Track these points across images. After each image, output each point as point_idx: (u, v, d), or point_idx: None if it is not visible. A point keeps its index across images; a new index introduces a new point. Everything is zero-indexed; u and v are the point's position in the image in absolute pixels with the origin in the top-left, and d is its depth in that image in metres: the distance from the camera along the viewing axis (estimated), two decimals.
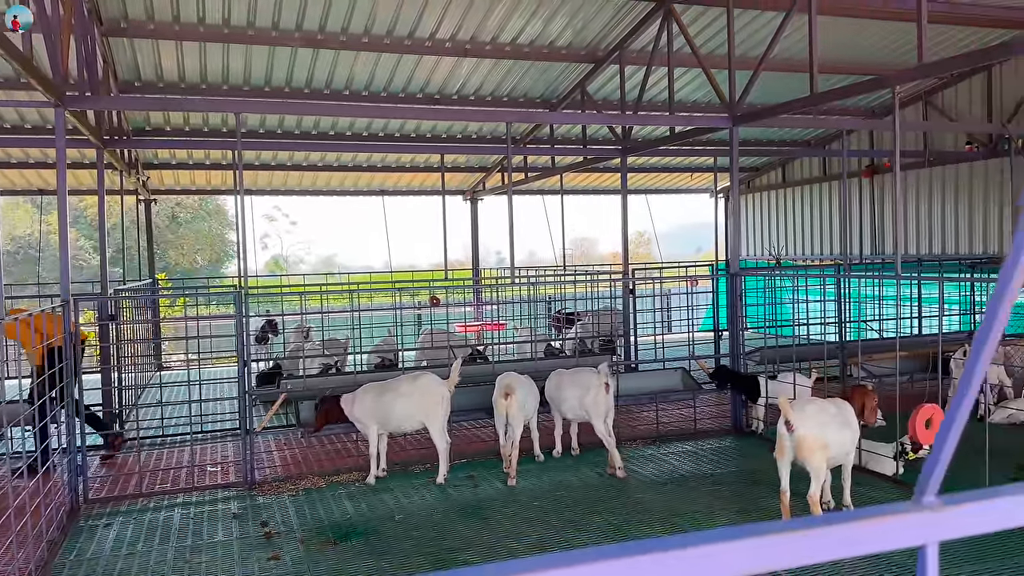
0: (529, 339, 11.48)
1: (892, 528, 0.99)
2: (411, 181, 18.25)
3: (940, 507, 0.99)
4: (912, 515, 0.99)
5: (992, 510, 0.99)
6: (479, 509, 7.08)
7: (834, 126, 12.76)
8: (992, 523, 1.00)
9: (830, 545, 0.97)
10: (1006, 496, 1.00)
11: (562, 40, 11.66)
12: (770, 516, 6.74)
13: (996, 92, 13.90)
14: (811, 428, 6.29)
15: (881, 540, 0.98)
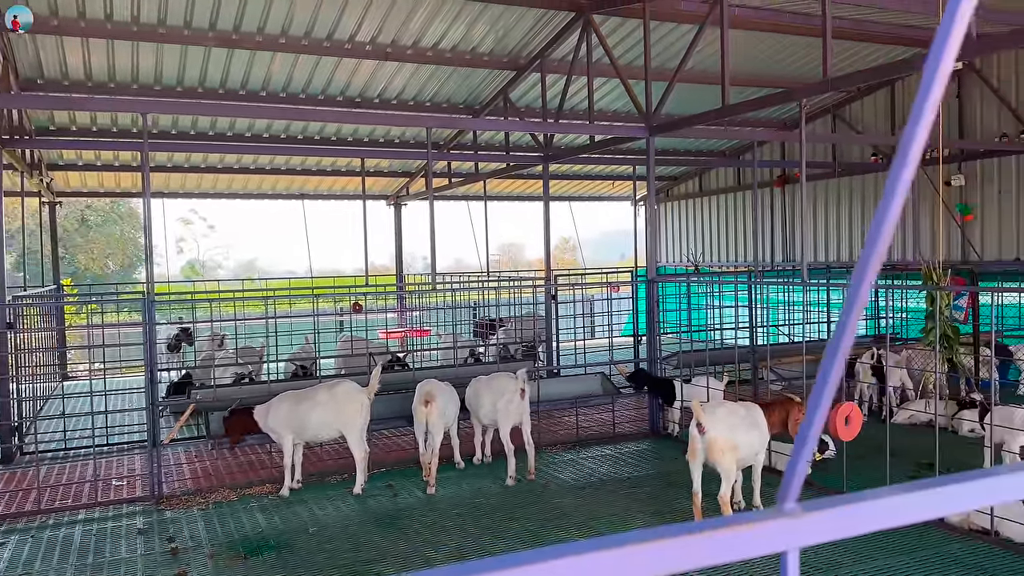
0: (451, 345, 11.42)
1: (755, 535, 1.00)
2: (332, 185, 17.97)
3: (800, 514, 1.00)
4: (774, 522, 1.00)
5: (850, 515, 1.02)
6: (397, 519, 7.00)
7: (746, 137, 13.17)
8: (851, 528, 1.02)
9: (694, 553, 0.97)
10: (864, 502, 1.03)
11: (484, 46, 11.68)
12: (684, 517, 6.87)
13: (899, 106, 14.61)
14: (721, 430, 6.46)
15: (745, 547, 0.99)
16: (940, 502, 1.07)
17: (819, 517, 1.02)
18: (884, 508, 1.04)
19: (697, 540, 0.96)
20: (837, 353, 1.01)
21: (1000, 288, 12.18)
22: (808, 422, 1.05)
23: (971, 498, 1.10)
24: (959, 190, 13.59)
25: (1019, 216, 12.92)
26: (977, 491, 1.10)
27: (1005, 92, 12.87)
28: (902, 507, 1.04)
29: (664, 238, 21.53)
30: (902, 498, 1.03)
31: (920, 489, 1.05)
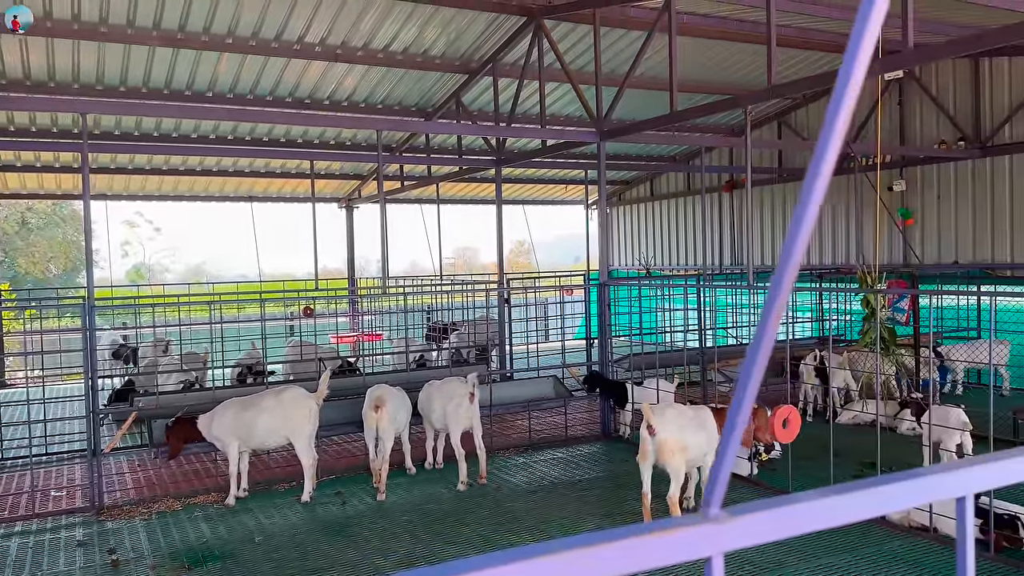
0: (403, 350, 11.33)
1: (679, 541, 1.00)
2: (282, 187, 17.72)
3: (725, 519, 1.01)
4: (699, 528, 1.00)
5: (774, 519, 1.02)
6: (346, 526, 6.91)
7: (694, 143, 13.37)
8: (775, 532, 1.03)
9: (617, 561, 0.97)
10: (788, 505, 1.03)
11: (436, 49, 11.64)
12: (634, 518, 6.92)
13: None
14: (671, 432, 6.54)
15: (669, 554, 0.99)
16: (858, 505, 1.08)
17: (743, 522, 1.02)
18: (806, 511, 1.05)
19: (619, 547, 0.96)
20: (757, 357, 1.02)
21: (940, 291, 12.57)
22: (730, 426, 1.06)
23: (889, 500, 1.11)
24: (900, 195, 13.98)
25: (957, 221, 13.34)
26: (894, 493, 1.12)
27: (943, 100, 13.28)
28: (823, 510, 1.05)
29: (616, 242, 21.71)
30: (822, 502, 1.05)
31: (839, 493, 1.07)
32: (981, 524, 6.05)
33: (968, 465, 1.25)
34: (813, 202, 0.92)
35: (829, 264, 15.42)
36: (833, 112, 0.91)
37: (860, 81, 0.90)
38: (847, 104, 0.90)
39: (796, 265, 0.97)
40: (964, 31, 9.71)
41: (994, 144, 12.59)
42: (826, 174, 0.93)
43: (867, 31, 0.87)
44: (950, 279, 13.13)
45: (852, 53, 0.89)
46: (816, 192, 0.93)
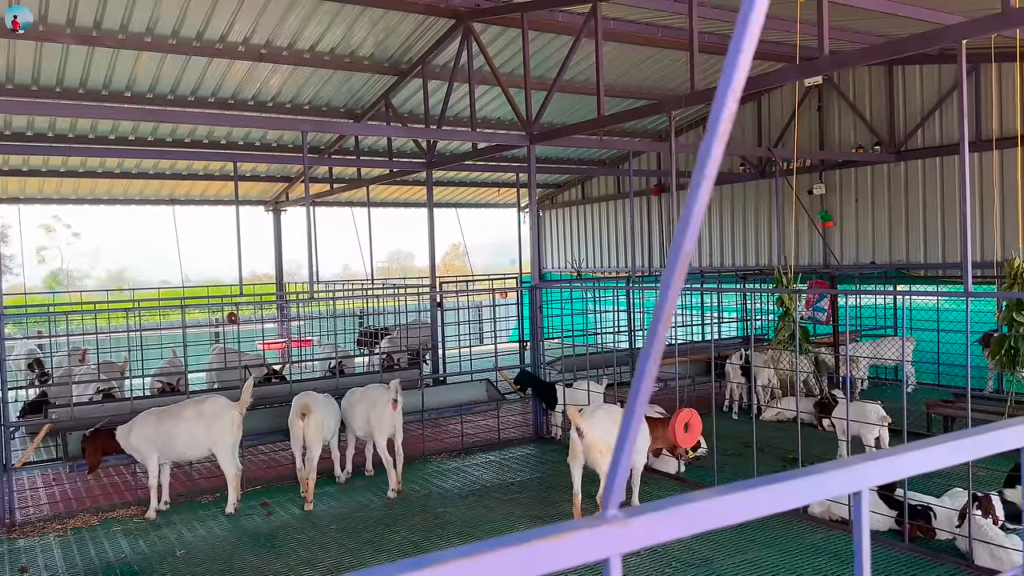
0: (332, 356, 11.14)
1: (577, 544, 0.99)
2: (205, 190, 17.24)
3: (622, 521, 1.01)
4: (596, 530, 1.00)
5: (671, 519, 1.03)
6: (272, 537, 6.75)
7: (622, 147, 13.56)
8: (671, 532, 1.03)
9: (515, 566, 0.96)
10: (684, 505, 1.04)
11: (364, 50, 11.50)
12: (565, 519, 6.93)
13: (765, 119, 15.40)
14: (599, 432, 6.62)
15: (567, 557, 0.98)
16: (754, 503, 1.09)
17: (640, 523, 1.02)
18: (701, 511, 1.05)
19: (515, 553, 0.95)
20: (649, 359, 1.02)
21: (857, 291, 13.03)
22: (625, 427, 1.06)
23: (785, 498, 1.13)
24: (820, 198, 14.45)
25: (874, 223, 13.86)
26: (789, 490, 1.14)
27: (861, 106, 13.79)
28: (719, 509, 1.06)
29: (549, 244, 21.85)
30: (717, 500, 1.05)
31: (734, 491, 1.08)
32: (897, 515, 6.30)
33: (860, 461, 1.28)
34: (699, 206, 0.92)
35: (753, 265, 15.83)
36: (715, 117, 0.92)
37: (741, 85, 0.90)
38: (729, 107, 0.91)
39: (684, 269, 0.98)
40: (878, 40, 10.11)
41: (907, 149, 13.13)
42: (710, 177, 0.94)
43: (746, 35, 0.88)
44: (868, 279, 13.64)
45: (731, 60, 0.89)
46: (701, 196, 0.94)
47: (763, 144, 14.87)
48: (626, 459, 1.05)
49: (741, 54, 0.89)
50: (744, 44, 0.89)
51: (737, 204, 16.29)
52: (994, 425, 1.50)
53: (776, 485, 1.12)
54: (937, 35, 5.66)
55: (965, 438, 1.43)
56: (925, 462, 1.34)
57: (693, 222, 0.96)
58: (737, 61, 0.89)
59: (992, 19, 5.30)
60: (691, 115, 16.35)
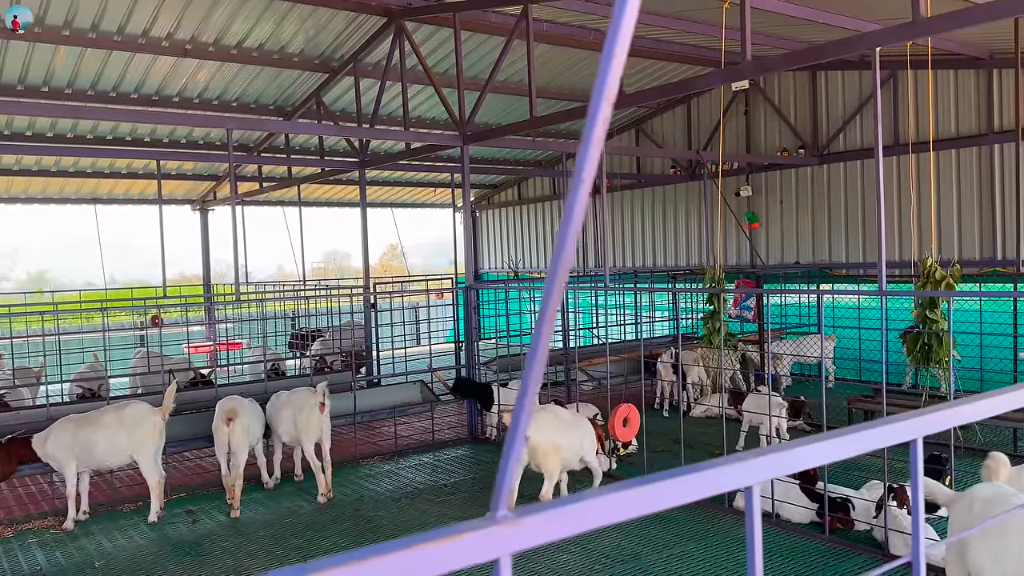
0: (262, 359, 10.91)
1: (466, 545, 0.99)
2: (129, 188, 16.68)
3: (512, 521, 1.01)
4: (486, 531, 1.00)
5: (562, 517, 1.03)
6: (197, 546, 6.57)
7: (556, 148, 13.66)
8: (562, 531, 1.03)
9: (404, 569, 0.95)
10: (574, 504, 1.04)
11: (294, 47, 11.30)
12: None
13: (694, 123, 15.72)
14: (543, 435, 6.72)
15: (457, 559, 0.98)
16: (644, 499, 1.11)
17: (530, 523, 1.02)
18: (591, 509, 1.06)
19: (402, 557, 0.94)
20: (536, 359, 1.03)
21: (782, 290, 13.42)
22: (515, 425, 1.06)
23: (676, 494, 1.15)
24: (747, 200, 14.82)
25: (797, 224, 14.29)
26: (681, 486, 1.16)
27: (785, 111, 14.20)
28: (608, 506, 1.07)
29: (486, 245, 21.85)
30: (607, 498, 1.06)
31: (624, 489, 1.09)
32: (818, 508, 6.50)
33: (752, 457, 1.30)
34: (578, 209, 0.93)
35: (684, 265, 16.14)
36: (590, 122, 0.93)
37: (615, 91, 0.92)
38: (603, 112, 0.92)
39: (566, 270, 0.99)
40: (800, 46, 10.41)
41: (830, 152, 13.58)
42: (588, 180, 0.95)
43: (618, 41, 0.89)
44: (792, 279, 14.04)
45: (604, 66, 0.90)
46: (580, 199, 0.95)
47: (692, 147, 15.16)
48: (515, 458, 1.05)
49: (613, 59, 0.90)
50: (616, 49, 0.90)
51: (668, 206, 16.57)
52: (883, 420, 1.56)
53: (668, 482, 1.14)
54: (853, 42, 5.86)
55: (854, 432, 1.48)
56: (814, 457, 1.38)
57: (573, 223, 0.96)
58: (610, 67, 0.90)
59: (903, 27, 5.52)
60: (624, 118, 16.56)
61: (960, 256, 11.91)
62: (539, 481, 6.92)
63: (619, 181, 17.13)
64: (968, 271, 11.73)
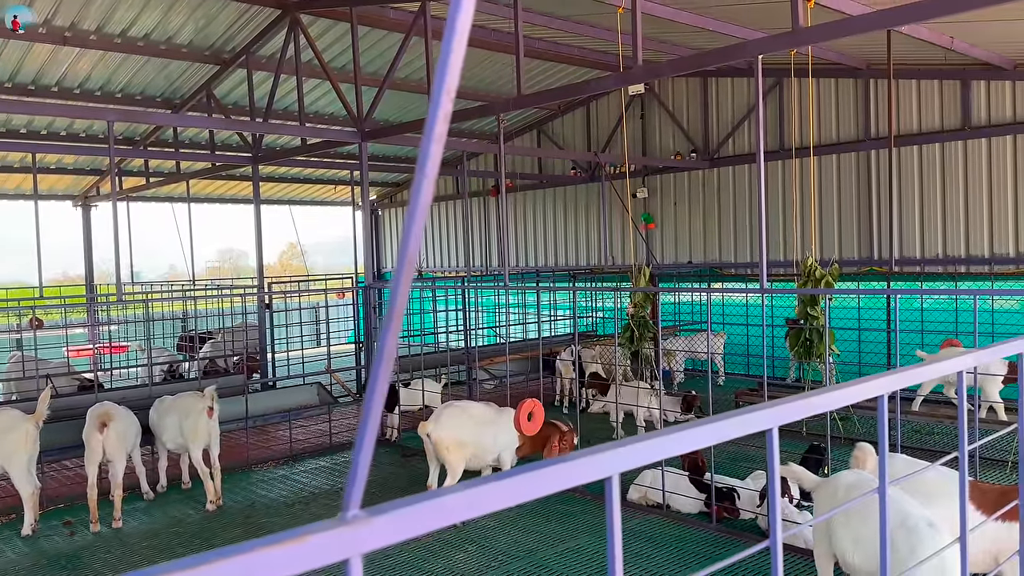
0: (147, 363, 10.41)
1: (316, 546, 0.97)
2: (4, 183, 15.64)
3: (363, 520, 1.00)
4: (336, 531, 0.99)
5: (411, 516, 1.03)
6: (75, 559, 6.23)
7: (456, 147, 13.64)
8: (411, 530, 1.03)
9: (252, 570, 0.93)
10: (427, 501, 1.04)
11: (182, 37, 10.85)
12: None
13: (593, 125, 16.03)
14: (445, 431, 6.75)
15: (306, 559, 0.96)
16: (496, 494, 1.12)
17: (381, 522, 1.01)
18: (442, 507, 1.06)
19: (253, 558, 0.92)
20: (383, 356, 1.02)
21: (676, 288, 13.86)
22: (363, 423, 1.05)
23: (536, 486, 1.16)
24: (644, 201, 15.23)
25: (690, 225, 14.78)
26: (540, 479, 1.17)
27: (679, 116, 14.66)
28: (459, 503, 1.07)
29: (390, 244, 21.61)
30: (458, 496, 1.07)
31: (477, 485, 1.10)
32: (705, 498, 6.73)
33: (612, 448, 1.33)
34: (421, 208, 0.94)
35: (584, 265, 16.42)
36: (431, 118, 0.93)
37: (455, 85, 0.92)
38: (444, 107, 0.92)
39: (411, 270, 0.99)
40: (690, 53, 10.76)
41: (720, 156, 14.11)
42: (431, 177, 0.95)
43: (455, 35, 0.89)
44: (686, 278, 14.52)
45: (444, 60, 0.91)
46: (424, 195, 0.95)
47: (592, 149, 15.45)
48: (366, 458, 1.04)
49: (452, 54, 0.90)
50: (454, 44, 0.91)
51: (569, 206, 16.83)
52: (741, 410, 1.62)
53: (523, 476, 1.16)
54: (736, 50, 6.10)
55: (714, 423, 1.54)
56: (670, 447, 1.42)
57: (417, 219, 0.96)
58: (448, 60, 0.90)
59: (783, 37, 5.79)
60: (526, 119, 16.71)
61: (840, 256, 12.59)
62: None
63: (521, 181, 17.28)
64: (847, 270, 12.42)
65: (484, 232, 18.21)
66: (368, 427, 1.03)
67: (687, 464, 7.16)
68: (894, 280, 11.43)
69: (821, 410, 1.73)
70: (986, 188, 11.32)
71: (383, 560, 6.07)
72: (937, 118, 11.70)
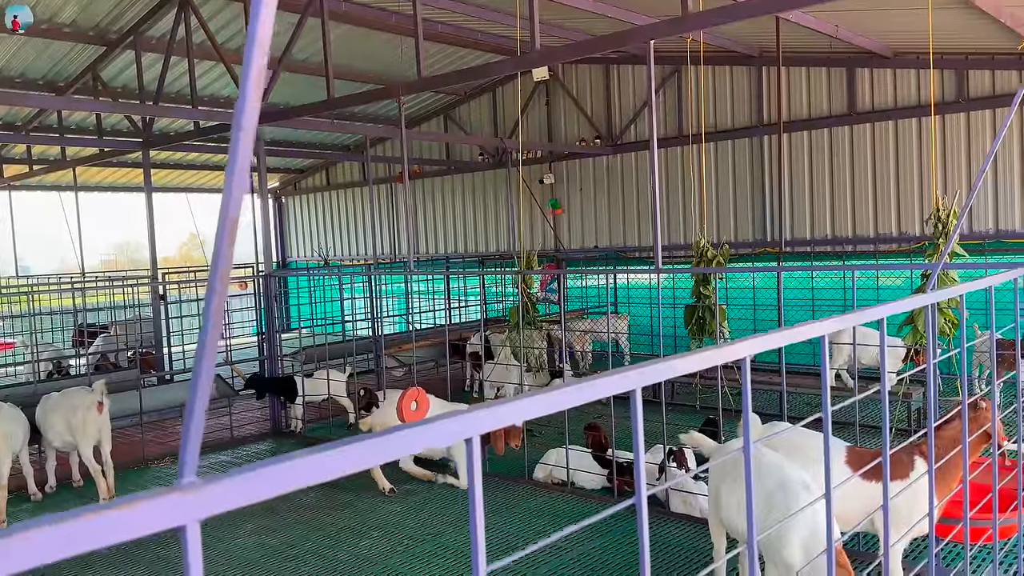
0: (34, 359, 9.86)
1: (151, 512, 0.96)
2: None
3: (198, 487, 0.99)
4: (170, 497, 0.98)
5: (246, 484, 1.03)
6: None
7: (358, 132, 13.41)
8: (248, 497, 1.03)
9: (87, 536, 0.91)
10: (258, 470, 1.04)
11: (65, 16, 10.26)
12: (297, 513, 6.80)
13: (500, 111, 16.05)
14: (384, 416, 6.80)
15: (140, 525, 0.95)
16: (333, 463, 1.12)
17: (216, 489, 1.01)
18: (274, 475, 1.06)
19: (84, 524, 0.90)
20: (205, 347, 1.01)
21: (583, 270, 14.09)
22: (194, 387, 1.04)
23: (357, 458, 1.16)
24: (550, 187, 15.38)
25: (596, 211, 15.03)
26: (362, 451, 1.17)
27: (583, 102, 14.84)
28: (290, 472, 1.08)
29: (294, 232, 21.12)
30: (290, 464, 1.07)
31: (316, 453, 1.10)
32: (608, 473, 6.90)
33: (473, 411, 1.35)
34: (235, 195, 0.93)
35: (493, 251, 16.48)
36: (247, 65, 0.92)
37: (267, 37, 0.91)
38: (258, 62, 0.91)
39: (233, 235, 0.98)
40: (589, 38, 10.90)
41: (623, 142, 14.37)
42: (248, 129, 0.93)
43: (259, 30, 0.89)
44: (593, 262, 14.77)
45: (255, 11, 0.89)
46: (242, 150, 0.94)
47: (498, 135, 15.48)
48: (198, 422, 1.03)
49: (263, 6, 0.89)
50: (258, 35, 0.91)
51: (478, 192, 16.83)
52: (607, 372, 1.67)
53: (376, 440, 1.16)
54: (628, 35, 6.21)
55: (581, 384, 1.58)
56: (535, 408, 1.45)
57: (237, 176, 0.95)
58: (259, 12, 0.89)
59: (672, 23, 5.93)
60: (432, 104, 16.59)
61: (736, 238, 13.06)
62: None
63: (429, 168, 17.16)
64: (743, 251, 12.90)
65: (392, 219, 18.02)
66: (198, 391, 1.02)
67: (590, 442, 7.31)
68: (786, 260, 11.93)
69: (683, 372, 1.80)
70: (871, 171, 11.93)
71: (288, 550, 5.98)
72: (825, 104, 12.25)
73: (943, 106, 11.05)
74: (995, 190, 10.99)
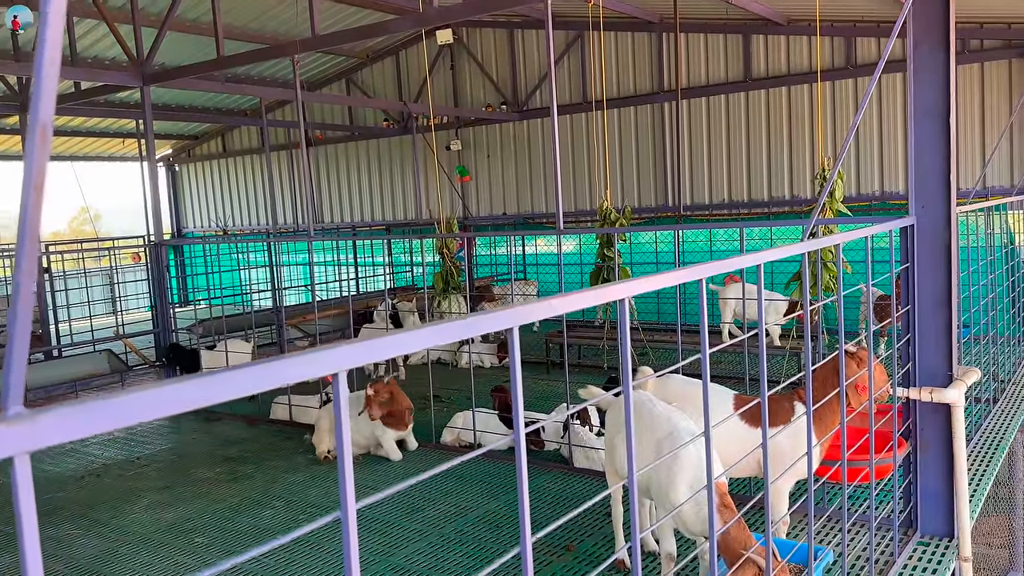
0: None
1: None
2: None
3: (26, 418, 0.96)
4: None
5: (76, 416, 1.00)
6: None
7: (253, 94, 12.90)
8: (78, 430, 1.01)
9: None
10: (90, 403, 1.02)
11: None
12: (197, 485, 6.62)
13: (404, 75, 15.76)
14: None
15: None
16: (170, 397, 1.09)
17: (47, 420, 0.98)
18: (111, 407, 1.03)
19: None
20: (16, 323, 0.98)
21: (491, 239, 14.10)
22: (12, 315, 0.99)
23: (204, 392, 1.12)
24: (458, 154, 15.26)
25: (503, 177, 15.02)
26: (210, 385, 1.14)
27: (488, 67, 14.73)
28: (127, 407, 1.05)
29: (190, 201, 20.30)
30: (126, 398, 1.04)
31: (150, 388, 1.06)
32: None
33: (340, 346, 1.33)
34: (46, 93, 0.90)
35: (402, 219, 16.28)
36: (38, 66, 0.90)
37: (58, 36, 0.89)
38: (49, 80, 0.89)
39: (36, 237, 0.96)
40: None
41: (529, 108, 14.37)
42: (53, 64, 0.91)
43: None
44: (500, 229, 14.79)
45: None
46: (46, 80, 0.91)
47: (403, 100, 15.22)
48: (20, 352, 0.98)
49: None
50: None
51: (384, 159, 16.55)
52: (485, 312, 1.67)
53: (193, 381, 1.12)
54: None
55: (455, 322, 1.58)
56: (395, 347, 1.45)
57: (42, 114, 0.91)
58: None
59: None
60: (333, 67, 16.14)
61: (639, 203, 13.31)
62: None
63: (332, 133, 16.74)
64: (646, 216, 13.17)
65: (295, 187, 17.53)
66: (19, 321, 0.97)
67: (497, 403, 7.37)
68: (683, 222, 12.26)
69: (560, 311, 1.82)
70: (765, 137, 12.34)
71: (184, 523, 5.81)
72: (723, 71, 12.56)
73: (832, 72, 11.51)
74: (880, 154, 11.56)
